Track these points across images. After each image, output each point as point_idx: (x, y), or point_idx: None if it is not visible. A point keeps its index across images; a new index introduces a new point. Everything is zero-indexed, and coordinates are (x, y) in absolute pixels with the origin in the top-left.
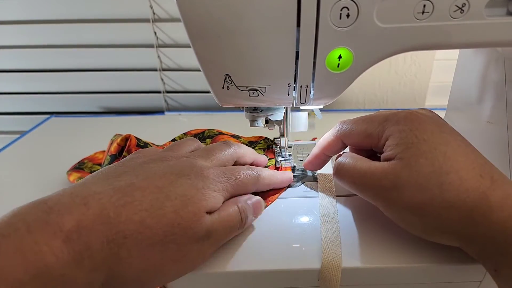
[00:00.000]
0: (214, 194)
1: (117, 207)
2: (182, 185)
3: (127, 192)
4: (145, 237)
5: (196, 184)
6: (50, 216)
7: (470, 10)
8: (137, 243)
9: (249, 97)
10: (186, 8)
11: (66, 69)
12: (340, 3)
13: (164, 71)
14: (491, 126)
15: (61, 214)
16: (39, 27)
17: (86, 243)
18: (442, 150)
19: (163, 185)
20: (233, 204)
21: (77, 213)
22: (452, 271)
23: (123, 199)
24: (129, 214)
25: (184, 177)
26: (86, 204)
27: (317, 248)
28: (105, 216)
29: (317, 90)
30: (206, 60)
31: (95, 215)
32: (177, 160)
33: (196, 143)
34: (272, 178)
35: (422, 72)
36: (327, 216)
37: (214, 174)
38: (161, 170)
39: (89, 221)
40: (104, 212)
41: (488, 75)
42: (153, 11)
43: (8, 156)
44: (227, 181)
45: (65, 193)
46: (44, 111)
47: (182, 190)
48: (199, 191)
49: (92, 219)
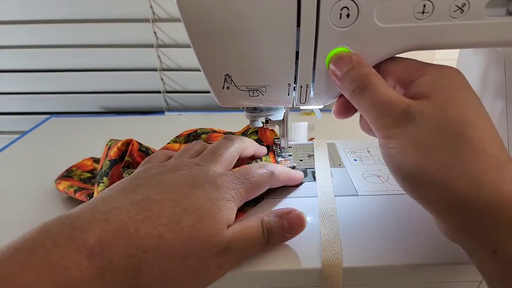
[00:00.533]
0: (229, 205)
1: (136, 222)
2: (197, 197)
3: (145, 207)
4: (165, 252)
5: (211, 196)
6: (74, 232)
7: (470, 10)
8: (157, 258)
9: (249, 97)
10: (186, 8)
11: (66, 69)
12: (340, 3)
13: (164, 71)
14: None
15: (85, 230)
16: (39, 27)
17: (108, 258)
18: (474, 108)
19: (178, 198)
20: (257, 219)
21: (98, 229)
22: (452, 271)
23: (141, 213)
24: (148, 229)
25: (198, 188)
26: (107, 220)
27: (317, 248)
28: (125, 231)
29: (317, 90)
30: (206, 60)
31: (116, 231)
32: (189, 169)
33: (203, 147)
34: (285, 175)
35: None
36: (326, 214)
37: (227, 181)
38: (176, 182)
39: (110, 236)
40: (124, 228)
41: (488, 75)
42: (153, 11)
43: (8, 156)
44: (241, 186)
45: (86, 209)
46: (44, 111)
47: (197, 203)
48: (214, 203)
49: (113, 234)
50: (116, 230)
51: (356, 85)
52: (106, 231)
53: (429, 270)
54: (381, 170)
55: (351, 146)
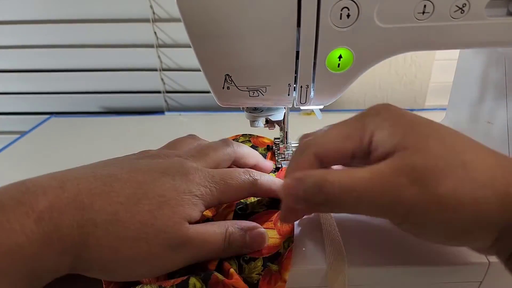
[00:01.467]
0: (195, 200)
1: (93, 195)
2: (163, 184)
3: (107, 182)
4: (116, 229)
5: (178, 187)
6: (24, 196)
7: (471, 10)
8: (107, 234)
9: (249, 97)
10: (186, 8)
11: (66, 69)
12: (341, 3)
13: (164, 71)
14: (491, 126)
15: (36, 195)
16: (39, 27)
17: (56, 225)
18: (442, 129)
19: (144, 181)
20: (222, 226)
21: (51, 195)
22: (452, 271)
23: (100, 187)
24: (104, 204)
25: (167, 176)
26: (62, 187)
27: (317, 248)
28: (79, 201)
29: (317, 90)
30: (206, 60)
31: (69, 199)
32: (168, 158)
33: (196, 141)
34: (272, 185)
35: (422, 72)
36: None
37: (201, 177)
38: (147, 166)
39: (62, 203)
40: (78, 197)
41: (488, 75)
42: (153, 11)
43: (8, 156)
44: (214, 185)
45: (45, 176)
46: (44, 111)
47: (161, 190)
48: (179, 194)
49: (66, 203)
50: (70, 199)
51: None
52: (59, 198)
53: (429, 270)
54: None
55: None
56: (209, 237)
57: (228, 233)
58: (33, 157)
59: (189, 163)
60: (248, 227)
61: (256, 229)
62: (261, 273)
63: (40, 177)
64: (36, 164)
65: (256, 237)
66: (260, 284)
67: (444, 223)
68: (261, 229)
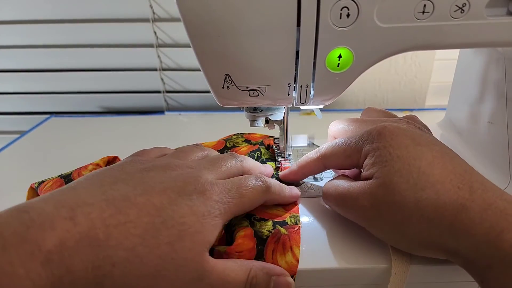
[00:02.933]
0: (214, 222)
1: (108, 227)
2: (182, 208)
3: (122, 209)
4: (134, 267)
5: (196, 209)
6: (29, 231)
7: (471, 10)
8: (125, 274)
9: (249, 97)
10: (186, 8)
11: (66, 69)
12: (340, 3)
13: (164, 71)
14: (491, 126)
15: (43, 230)
16: (39, 27)
17: (68, 268)
18: (416, 165)
19: (161, 205)
20: (245, 267)
21: (61, 230)
22: (452, 271)
23: (116, 217)
24: (120, 237)
25: (184, 196)
26: (73, 218)
27: (317, 248)
28: (93, 237)
29: (317, 90)
30: (206, 59)
31: (82, 234)
32: (181, 170)
33: (203, 152)
34: (280, 193)
35: (422, 72)
36: None
37: (217, 193)
38: (161, 184)
39: (74, 240)
40: (92, 232)
41: (488, 75)
42: (153, 11)
43: (8, 156)
44: (232, 200)
45: (50, 200)
46: (44, 111)
47: (180, 216)
48: (199, 220)
49: (78, 239)
50: (83, 234)
51: None
52: (70, 233)
53: (429, 270)
54: None
55: None
56: (230, 277)
57: (251, 276)
58: (33, 157)
59: (204, 177)
60: (275, 272)
61: (283, 276)
62: (271, 231)
63: (45, 202)
64: (36, 164)
65: (282, 285)
66: (268, 241)
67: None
68: (288, 277)
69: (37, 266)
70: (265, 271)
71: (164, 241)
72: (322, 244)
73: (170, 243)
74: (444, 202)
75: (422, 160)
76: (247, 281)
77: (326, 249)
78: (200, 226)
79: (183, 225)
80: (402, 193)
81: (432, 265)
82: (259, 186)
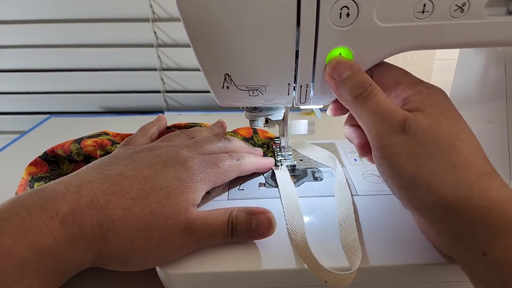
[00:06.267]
0: (196, 186)
1: (107, 195)
2: (167, 176)
3: (116, 181)
4: (131, 223)
5: (180, 176)
6: (47, 202)
7: (470, 9)
8: (124, 228)
9: (249, 97)
10: (186, 8)
11: (66, 69)
12: (340, 2)
13: (164, 71)
14: (491, 126)
15: (57, 201)
16: (39, 27)
17: (79, 226)
18: (461, 124)
19: (149, 176)
20: (226, 211)
21: (71, 200)
22: (452, 271)
23: (112, 188)
24: (118, 202)
25: (169, 168)
26: (79, 192)
27: (317, 248)
28: (96, 203)
29: (317, 89)
30: (206, 59)
31: (87, 202)
32: (165, 149)
33: (189, 136)
34: (254, 163)
35: (422, 72)
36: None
37: (198, 164)
38: (149, 160)
39: (82, 207)
40: (95, 200)
41: (488, 75)
42: (153, 11)
43: (8, 156)
44: (210, 170)
45: (59, 183)
46: (44, 111)
47: (166, 181)
48: (182, 183)
49: (85, 205)
50: (88, 202)
51: (359, 92)
52: (78, 201)
53: (429, 270)
54: None
55: (351, 146)
56: (211, 219)
57: (231, 217)
58: (33, 157)
59: (185, 152)
60: (254, 211)
61: (264, 214)
62: None
63: (55, 184)
64: None
65: (263, 221)
66: None
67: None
68: (269, 214)
69: (56, 226)
70: (246, 211)
71: (154, 200)
72: (322, 244)
73: (159, 202)
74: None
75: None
76: (229, 221)
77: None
78: (184, 188)
79: (169, 188)
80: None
81: (432, 265)
82: (233, 160)
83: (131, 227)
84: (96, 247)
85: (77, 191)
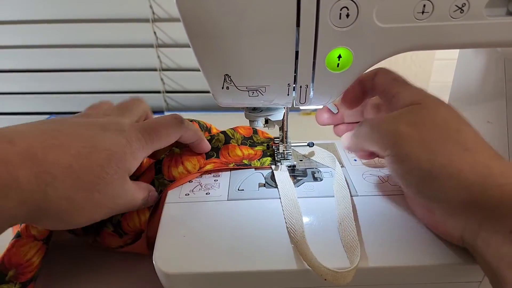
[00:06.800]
0: (135, 155)
1: (44, 148)
2: (108, 139)
3: (54, 136)
4: (73, 182)
5: (119, 141)
6: None
7: (470, 10)
8: (65, 185)
9: (249, 97)
10: (186, 8)
11: (66, 69)
12: (340, 3)
13: (164, 71)
14: (491, 126)
15: None
16: (39, 27)
17: (13, 177)
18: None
19: (88, 135)
20: (146, 189)
21: (1, 150)
22: (452, 271)
23: (49, 141)
24: (57, 157)
25: (108, 131)
26: (11, 142)
27: (317, 248)
28: (33, 154)
29: (317, 90)
30: (206, 60)
31: (22, 152)
32: (100, 117)
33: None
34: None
35: (422, 72)
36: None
37: (134, 130)
38: (85, 123)
39: (15, 157)
40: (30, 150)
41: (488, 75)
42: (153, 11)
43: None
44: (148, 136)
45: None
46: (43, 111)
47: (107, 144)
48: (122, 149)
49: (19, 156)
50: (22, 152)
51: None
52: (9, 151)
53: (429, 270)
54: (380, 170)
55: None
56: (136, 194)
57: (150, 196)
58: None
59: (123, 120)
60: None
61: (153, 192)
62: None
63: None
64: None
65: (152, 197)
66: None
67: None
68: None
69: None
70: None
71: (97, 162)
72: (322, 243)
73: (101, 165)
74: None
75: None
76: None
77: (328, 247)
78: (123, 155)
79: (110, 151)
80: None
81: (431, 264)
82: (173, 120)
83: (73, 185)
84: (34, 201)
85: (9, 141)
